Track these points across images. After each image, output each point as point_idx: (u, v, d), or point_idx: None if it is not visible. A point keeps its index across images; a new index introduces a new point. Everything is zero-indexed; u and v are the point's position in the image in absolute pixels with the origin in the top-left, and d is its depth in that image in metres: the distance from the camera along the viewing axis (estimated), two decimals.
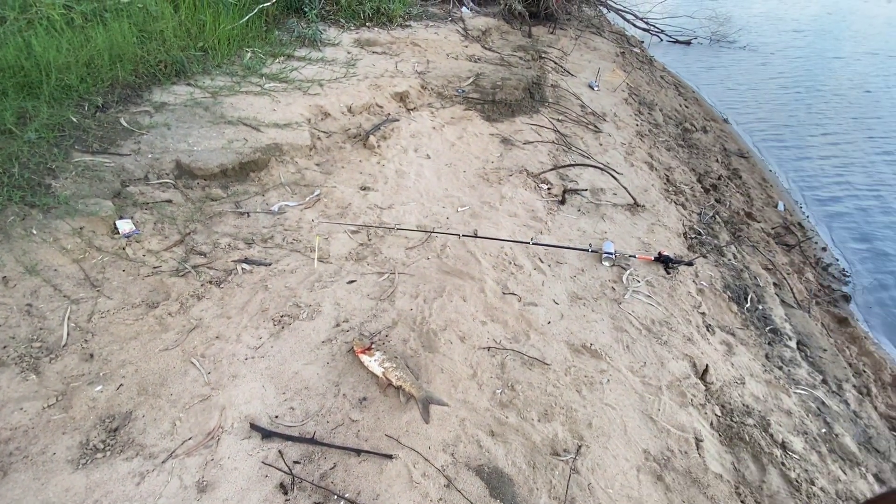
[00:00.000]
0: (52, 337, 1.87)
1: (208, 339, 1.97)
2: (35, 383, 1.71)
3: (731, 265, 3.48)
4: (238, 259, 2.38)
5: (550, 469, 1.69)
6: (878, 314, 4.29)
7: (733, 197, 5.21)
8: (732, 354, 2.53)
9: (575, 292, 2.54)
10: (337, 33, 5.04)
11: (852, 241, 5.17)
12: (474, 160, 3.60)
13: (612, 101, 5.47)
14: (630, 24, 10.12)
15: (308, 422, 1.72)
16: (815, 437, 2.29)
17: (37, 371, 1.75)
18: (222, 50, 3.84)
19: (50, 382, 1.72)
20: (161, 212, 2.50)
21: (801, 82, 9.52)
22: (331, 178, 3.12)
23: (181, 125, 2.99)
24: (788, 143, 7.14)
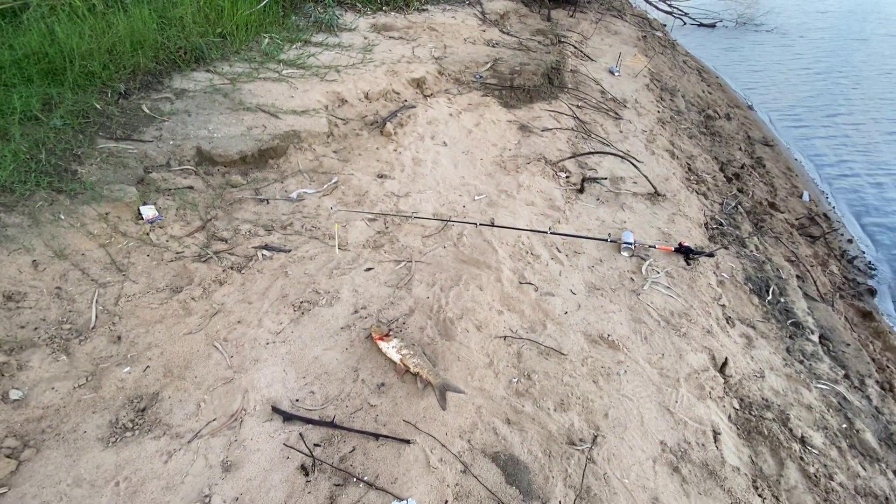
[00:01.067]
0: (81, 319, 1.93)
1: (230, 323, 2.01)
2: (66, 364, 1.77)
3: (753, 257, 3.41)
4: (258, 245, 2.41)
5: (566, 458, 1.70)
6: None
7: (756, 186, 5.08)
8: (752, 347, 2.49)
9: (593, 283, 2.52)
10: (354, 18, 5.00)
11: (880, 232, 5.02)
12: (491, 147, 3.57)
13: (633, 86, 5.35)
14: (652, 7, 9.81)
15: (328, 406, 1.75)
16: (836, 432, 2.26)
17: (67, 352, 1.81)
18: (240, 36, 3.85)
19: (80, 363, 1.79)
20: (183, 198, 2.54)
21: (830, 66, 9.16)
22: (348, 165, 3.13)
23: (201, 112, 3.02)
24: (815, 131, 6.90)
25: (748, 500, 1.73)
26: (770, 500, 1.80)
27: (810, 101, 7.78)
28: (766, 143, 6.39)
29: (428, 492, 1.53)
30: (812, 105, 7.63)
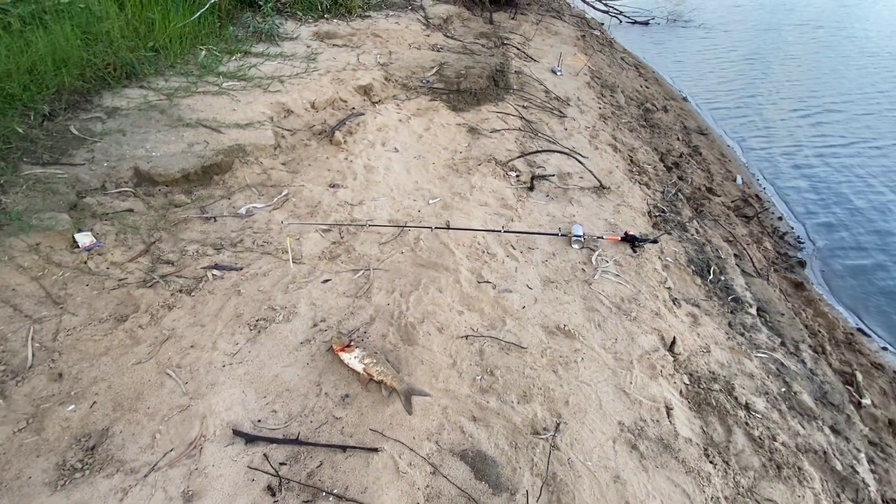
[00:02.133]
0: (16, 359, 1.81)
1: (183, 348, 1.94)
2: (2, 408, 1.66)
3: (694, 240, 3.63)
4: (208, 265, 2.34)
5: (532, 448, 1.76)
6: (830, 277, 4.56)
7: (694, 173, 5.40)
8: (698, 325, 2.66)
9: (547, 276, 2.61)
10: (295, 27, 4.92)
11: (806, 208, 5.45)
12: (443, 151, 3.62)
13: (575, 85, 5.56)
14: (590, 7, 10.23)
15: (292, 423, 1.73)
16: (776, 396, 2.45)
17: (3, 395, 1.69)
18: (174, 49, 3.71)
19: (18, 406, 1.67)
20: (122, 222, 2.43)
21: (749, 56, 9.88)
22: (298, 176, 3.08)
23: (137, 130, 2.89)
24: (742, 117, 7.42)
25: (701, 467, 1.85)
26: (721, 465, 1.93)
27: (736, 89, 8.36)
28: (701, 132, 6.81)
29: (398, 497, 1.54)
30: (738, 93, 8.21)
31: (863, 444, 2.70)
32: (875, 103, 7.85)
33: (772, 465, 2.05)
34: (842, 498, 2.13)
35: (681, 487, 1.76)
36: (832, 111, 7.59)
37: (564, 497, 1.63)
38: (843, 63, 9.66)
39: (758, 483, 1.96)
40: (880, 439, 2.94)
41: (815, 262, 4.72)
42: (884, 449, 2.87)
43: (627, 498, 1.67)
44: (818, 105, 7.79)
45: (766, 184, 5.91)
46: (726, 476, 1.91)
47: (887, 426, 3.17)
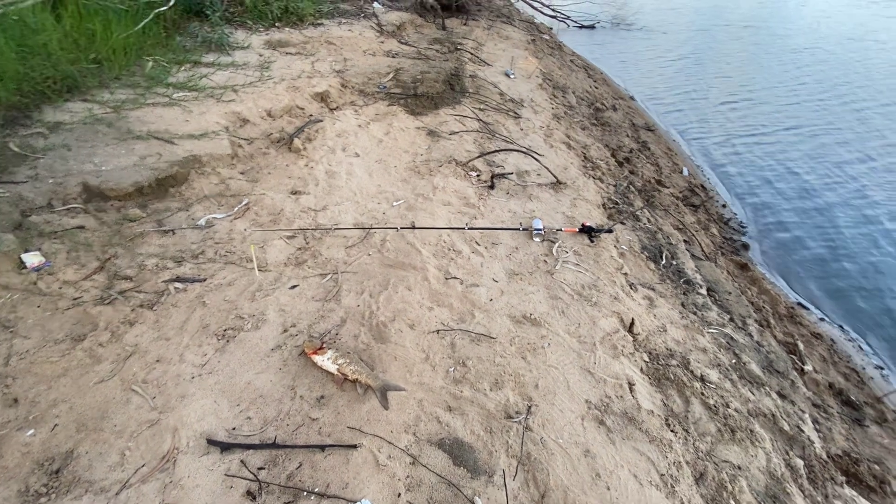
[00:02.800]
0: None
1: (148, 363, 1.89)
2: None
3: (647, 228, 3.84)
4: (169, 279, 2.29)
5: (506, 431, 1.83)
6: (771, 257, 4.93)
7: (644, 167, 5.70)
8: (654, 307, 2.82)
9: (512, 269, 2.70)
10: (245, 36, 4.85)
11: (746, 195, 5.86)
12: (403, 154, 3.67)
13: (528, 87, 5.75)
14: (538, 12, 10.58)
15: (268, 428, 1.72)
16: (727, 367, 2.64)
17: None
18: (119, 60, 3.58)
19: None
20: (73, 239, 2.33)
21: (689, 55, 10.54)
22: (258, 185, 3.05)
23: (83, 145, 2.78)
24: (684, 112, 7.90)
25: (663, 436, 1.97)
26: (681, 433, 2.07)
27: (677, 86, 8.89)
28: (648, 129, 7.18)
29: (380, 489, 1.57)
30: (679, 90, 8.73)
31: (807, 406, 2.94)
32: (797, 94, 8.59)
33: (726, 429, 2.21)
34: (790, 455, 2.32)
35: (646, 455, 1.87)
36: (761, 103, 8.25)
37: (539, 474, 1.71)
38: (769, 59, 10.50)
39: (715, 447, 2.11)
40: (822, 401, 3.21)
41: (757, 244, 5.09)
42: (826, 409, 3.13)
43: (598, 469, 1.76)
44: (749, 97, 8.44)
45: (710, 174, 6.31)
46: (686, 442, 2.04)
47: (828, 389, 3.46)
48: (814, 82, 8.99)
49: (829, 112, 7.83)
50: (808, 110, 7.95)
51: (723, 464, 2.04)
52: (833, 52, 10.73)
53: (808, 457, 2.40)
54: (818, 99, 8.34)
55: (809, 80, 9.18)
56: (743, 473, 2.05)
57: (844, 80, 9.15)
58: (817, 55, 10.55)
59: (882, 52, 10.80)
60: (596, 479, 1.73)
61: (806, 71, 9.63)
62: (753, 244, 5.07)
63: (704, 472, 1.95)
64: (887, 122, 7.44)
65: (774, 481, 2.08)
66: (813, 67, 9.80)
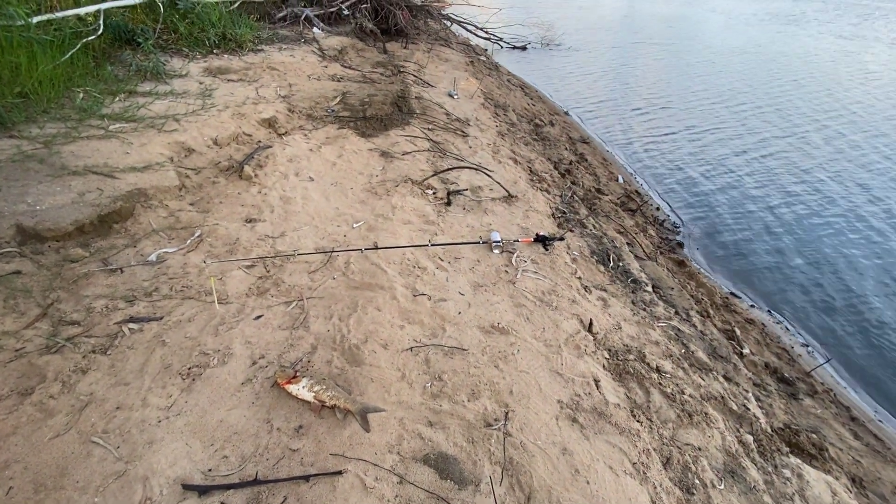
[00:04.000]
0: None
1: (107, 412, 1.78)
2: None
3: (593, 234, 4.09)
4: (121, 320, 2.16)
5: (487, 439, 1.88)
6: (703, 253, 5.38)
7: (584, 177, 6.06)
8: (608, 306, 3.01)
9: (476, 281, 2.79)
10: (182, 63, 4.71)
11: (676, 197, 6.38)
12: (359, 176, 3.69)
13: (472, 106, 5.97)
14: (473, 35, 11.03)
15: (247, 465, 1.67)
16: (678, 357, 2.86)
17: None
18: (46, 93, 3.36)
19: None
20: (10, 286, 2.15)
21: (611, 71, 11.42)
22: (210, 215, 2.96)
23: (13, 184, 2.58)
24: (614, 123, 8.52)
25: (630, 426, 2.11)
26: (646, 422, 2.22)
27: (604, 100, 9.60)
28: (584, 141, 7.65)
29: None
30: (606, 103, 9.42)
31: (749, 386, 3.23)
32: (700, 99, 9.65)
33: (684, 414, 2.39)
34: (741, 432, 2.54)
35: (618, 447, 2.00)
36: (676, 109, 9.17)
37: (523, 477, 1.77)
38: (678, 70, 11.67)
39: (676, 432, 2.28)
40: (761, 380, 3.53)
41: (690, 242, 5.54)
42: (765, 388, 3.45)
43: (576, 465, 1.86)
44: (664, 106, 9.31)
45: (642, 180, 6.81)
46: (651, 430, 2.19)
47: (765, 368, 3.81)
48: (721, 90, 10.08)
49: (717, 115, 8.91)
50: (715, 113, 8.97)
51: (685, 447, 2.21)
52: (726, 64, 12.17)
53: (756, 432, 2.64)
54: (721, 103, 9.41)
55: (713, 84, 10.39)
56: (703, 454, 2.22)
57: (747, 86, 10.39)
58: (717, 67, 11.88)
59: (764, 63, 12.36)
60: (576, 475, 1.82)
61: (709, 79, 10.86)
62: (687, 242, 5.52)
63: (670, 457, 2.10)
64: (763, 123, 8.55)
65: (731, 458, 2.28)
66: (714, 78, 11.03)
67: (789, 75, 11.19)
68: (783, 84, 10.57)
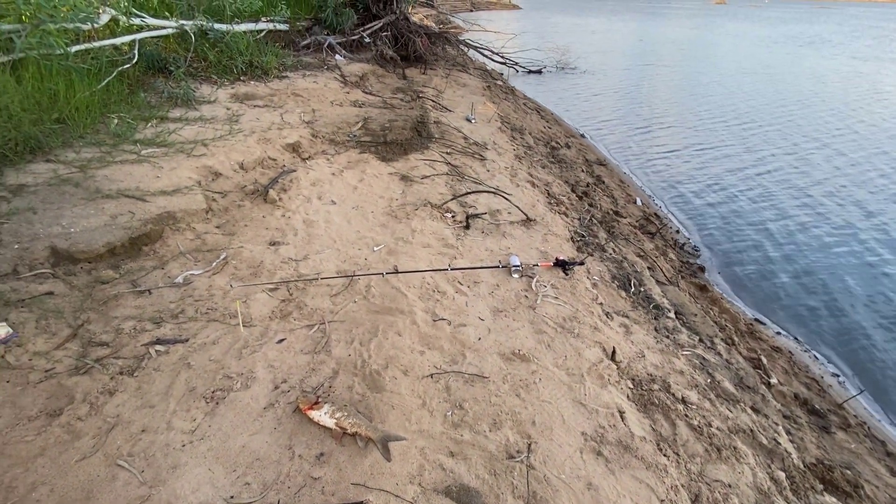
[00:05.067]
0: None
1: (133, 434, 1.80)
2: None
3: (613, 258, 4.05)
4: (149, 342, 2.20)
5: (509, 472, 1.84)
6: (725, 277, 5.27)
7: (602, 200, 6.04)
8: (630, 333, 2.96)
9: (495, 306, 2.78)
10: (211, 90, 4.89)
11: (696, 219, 6.30)
12: (379, 200, 3.75)
13: (489, 130, 6.05)
14: (489, 59, 11.25)
15: (268, 493, 1.66)
16: (704, 387, 2.78)
17: None
18: (83, 119, 3.52)
19: None
20: (42, 307, 2.22)
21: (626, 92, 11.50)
22: (235, 238, 3.02)
23: (49, 207, 2.68)
24: (632, 146, 8.52)
25: (657, 461, 2.04)
26: (673, 457, 2.15)
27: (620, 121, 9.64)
28: (600, 163, 7.65)
29: None
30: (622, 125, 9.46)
31: (778, 418, 3.11)
32: (718, 120, 9.65)
33: (713, 448, 2.31)
34: (772, 468, 2.44)
35: (645, 483, 1.93)
36: (697, 130, 9.20)
37: None
38: (691, 91, 11.74)
39: (705, 467, 2.20)
40: (791, 412, 3.40)
41: (711, 266, 5.44)
42: (795, 420, 3.32)
43: (602, 501, 1.80)
44: (683, 127, 9.34)
45: (660, 202, 6.76)
46: (679, 465, 2.12)
47: (794, 400, 3.68)
48: (732, 111, 10.08)
49: (735, 136, 8.92)
50: (735, 132, 8.97)
51: (714, 483, 2.13)
52: (738, 84, 12.21)
53: (788, 468, 2.53)
54: (741, 125, 9.39)
55: (730, 105, 10.41)
56: (733, 491, 2.13)
57: (777, 104, 10.44)
58: (728, 87, 11.91)
59: (771, 83, 12.38)
60: None
61: (722, 100, 10.90)
62: (708, 265, 5.42)
63: (699, 494, 2.02)
64: (787, 143, 8.50)
65: (763, 496, 2.18)
66: (724, 98, 11.07)
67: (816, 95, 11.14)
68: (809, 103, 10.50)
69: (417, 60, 8.08)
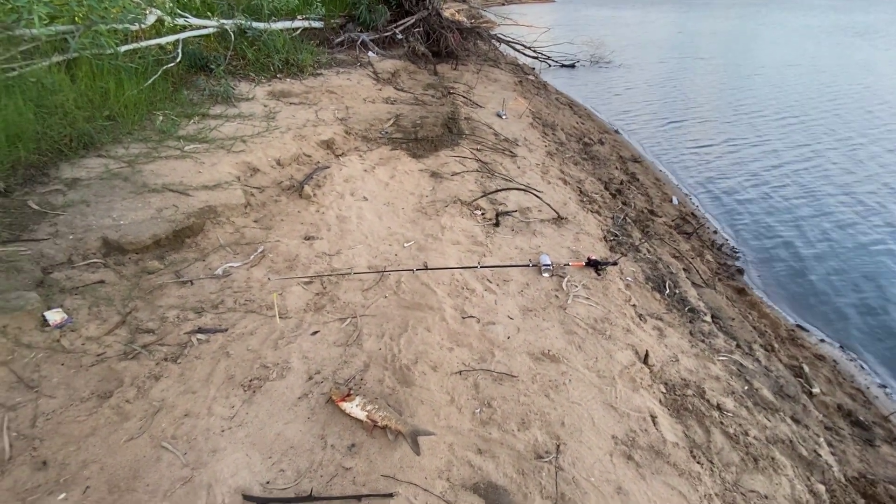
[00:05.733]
0: None
1: (176, 418, 1.89)
2: None
3: (647, 258, 3.95)
4: (191, 330, 2.30)
5: (538, 472, 1.84)
6: (766, 280, 5.06)
7: (636, 198, 5.89)
8: (664, 337, 2.89)
9: (525, 305, 2.76)
10: (249, 87, 5.04)
11: (735, 220, 6.06)
12: (410, 196, 3.78)
13: (520, 126, 5.99)
14: (521, 54, 11.11)
15: (302, 480, 1.72)
16: (741, 394, 2.68)
17: None
18: (131, 116, 3.69)
19: (1, 502, 1.56)
20: (94, 294, 2.35)
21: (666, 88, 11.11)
22: (272, 232, 3.12)
23: (101, 200, 2.84)
24: (668, 143, 8.25)
25: (690, 468, 2.00)
26: (706, 464, 2.09)
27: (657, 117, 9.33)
28: (635, 160, 7.45)
29: None
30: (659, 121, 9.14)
31: (820, 429, 2.97)
32: (759, 116, 9.22)
33: (749, 458, 2.24)
34: (812, 481, 2.34)
35: (677, 490, 1.89)
36: (737, 125, 8.84)
37: None
38: (731, 85, 11.25)
39: (740, 477, 2.13)
40: (833, 423, 3.25)
41: (750, 268, 5.23)
42: (838, 432, 3.17)
43: None
44: (722, 123, 8.98)
45: (698, 201, 6.53)
46: (713, 474, 2.06)
47: (837, 410, 3.50)
48: (772, 104, 9.65)
49: (777, 132, 8.50)
50: (776, 127, 8.56)
51: (750, 494, 2.06)
52: (782, 77, 11.63)
53: (829, 481, 2.43)
54: (781, 120, 8.96)
55: (773, 98, 9.95)
56: (770, 503, 2.06)
57: (795, 101, 9.91)
58: (768, 80, 11.36)
59: (818, 75, 11.75)
60: None
61: (765, 93, 10.40)
62: (747, 268, 5.22)
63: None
64: (830, 140, 8.06)
65: None
66: (764, 91, 10.59)
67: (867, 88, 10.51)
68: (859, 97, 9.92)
69: (449, 56, 8.07)
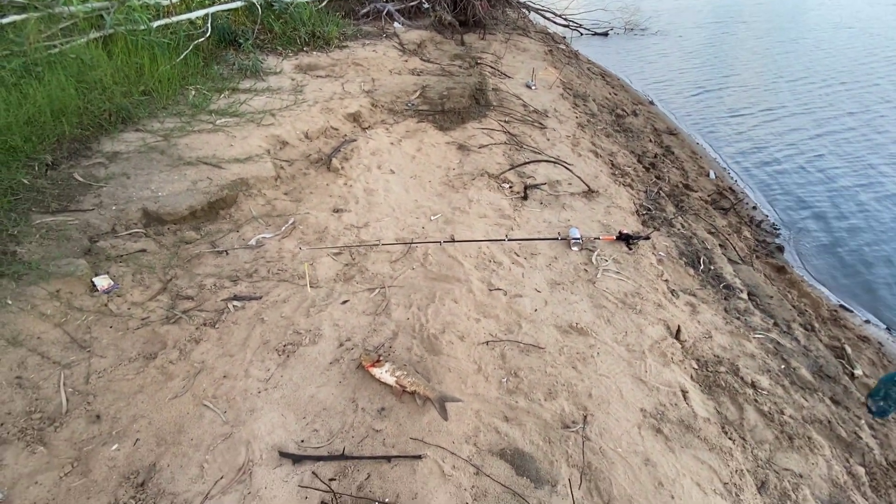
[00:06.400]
0: (50, 406, 1.82)
1: (216, 379, 1.98)
2: (44, 455, 1.67)
3: (681, 234, 3.83)
4: (227, 297, 2.39)
5: (564, 441, 1.85)
6: (807, 259, 4.83)
7: (671, 172, 5.67)
8: (697, 313, 2.81)
9: (553, 279, 2.73)
10: (277, 61, 5.05)
11: (776, 195, 5.77)
12: (436, 169, 3.75)
13: (550, 97, 5.81)
14: (551, 22, 10.68)
15: (334, 440, 1.78)
16: (777, 373, 2.60)
17: (43, 442, 1.70)
18: (165, 91, 3.77)
19: (60, 451, 1.69)
20: (137, 262, 2.46)
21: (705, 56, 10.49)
22: (301, 205, 3.16)
23: (140, 172, 2.94)
24: (706, 115, 7.84)
25: (722, 444, 1.97)
26: (738, 441, 2.06)
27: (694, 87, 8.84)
28: (670, 133, 7.14)
29: (448, 499, 1.61)
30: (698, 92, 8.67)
31: (861, 411, 2.86)
32: (802, 84, 8.61)
33: (784, 436, 2.18)
34: (850, 462, 2.27)
35: (707, 464, 1.87)
36: (775, 97, 8.26)
37: (602, 483, 1.72)
38: (775, 52, 10.51)
39: (774, 454, 2.09)
40: None
41: (791, 246, 4.99)
42: None
43: (660, 478, 1.77)
44: (765, 94, 8.40)
45: (737, 176, 6.23)
46: (745, 450, 2.03)
47: None
48: (820, 70, 8.99)
49: (820, 101, 7.94)
50: (821, 97, 8.00)
51: (784, 472, 2.02)
52: (831, 41, 10.78)
53: (869, 464, 2.35)
54: (825, 87, 8.36)
55: (820, 69, 9.25)
56: (805, 482, 2.02)
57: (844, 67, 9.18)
58: (819, 44, 10.54)
59: (871, 38, 10.80)
60: (659, 488, 1.73)
61: (812, 64, 9.67)
62: (788, 246, 4.98)
63: (766, 481, 1.93)
64: (879, 109, 7.43)
65: (838, 489, 2.05)
66: (811, 56, 9.83)
67: None
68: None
69: (476, 25, 7.83)
